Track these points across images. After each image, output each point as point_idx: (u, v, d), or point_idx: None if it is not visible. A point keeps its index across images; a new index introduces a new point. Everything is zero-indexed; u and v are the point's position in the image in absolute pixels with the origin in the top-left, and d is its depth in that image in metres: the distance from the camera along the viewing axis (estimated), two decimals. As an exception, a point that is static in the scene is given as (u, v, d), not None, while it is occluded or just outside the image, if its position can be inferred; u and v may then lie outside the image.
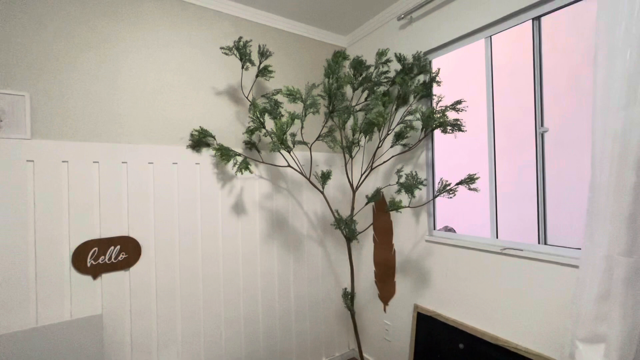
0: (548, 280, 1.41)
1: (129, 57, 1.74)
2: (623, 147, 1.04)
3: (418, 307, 2.01)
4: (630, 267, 1.02)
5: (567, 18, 1.67)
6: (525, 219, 1.68)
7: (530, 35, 1.54)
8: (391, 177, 2.21)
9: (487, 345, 1.61)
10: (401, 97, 1.94)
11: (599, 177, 1.11)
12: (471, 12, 1.71)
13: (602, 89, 1.10)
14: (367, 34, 2.38)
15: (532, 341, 1.46)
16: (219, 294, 1.97)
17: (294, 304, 2.29)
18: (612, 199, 1.07)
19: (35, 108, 1.51)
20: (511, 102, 1.82)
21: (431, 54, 1.97)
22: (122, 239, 1.69)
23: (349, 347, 2.58)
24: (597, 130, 1.12)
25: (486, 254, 1.65)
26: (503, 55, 1.74)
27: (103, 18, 1.68)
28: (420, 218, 2.02)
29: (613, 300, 1.05)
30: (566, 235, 1.59)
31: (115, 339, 1.66)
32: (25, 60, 1.50)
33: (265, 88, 2.17)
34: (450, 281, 1.83)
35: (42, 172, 1.51)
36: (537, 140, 1.52)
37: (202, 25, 1.97)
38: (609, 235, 1.07)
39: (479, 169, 1.71)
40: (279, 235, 2.22)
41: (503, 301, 1.58)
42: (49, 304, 1.51)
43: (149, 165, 1.77)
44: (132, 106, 1.74)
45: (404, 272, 2.14)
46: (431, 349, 1.88)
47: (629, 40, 1.03)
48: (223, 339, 1.98)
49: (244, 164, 1.84)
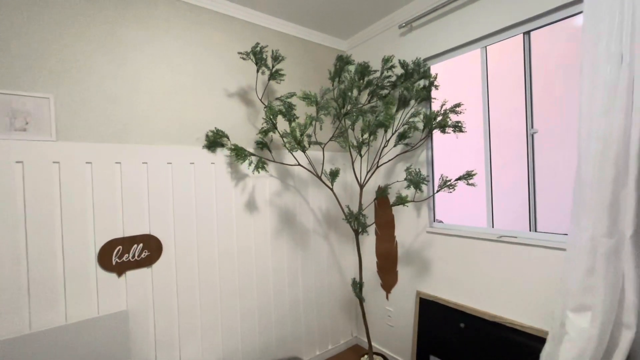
0: (539, 263, 1.62)
1: (147, 60, 1.79)
2: (604, 147, 1.24)
3: (420, 293, 2.19)
4: (611, 247, 1.23)
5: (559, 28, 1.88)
6: (514, 209, 1.89)
7: (520, 47, 1.74)
8: (392, 174, 2.37)
9: (485, 322, 1.81)
10: (402, 100, 2.10)
11: (584, 172, 1.31)
12: (468, 25, 1.89)
13: (587, 97, 1.30)
14: (367, 39, 2.53)
15: (525, 317, 1.67)
16: (234, 287, 2.06)
17: (302, 295, 2.41)
18: (595, 190, 1.27)
19: (59, 110, 1.54)
20: (502, 105, 2.02)
21: (430, 61, 2.14)
22: (145, 237, 1.74)
23: (352, 335, 2.74)
24: (583, 132, 1.31)
25: (484, 242, 1.85)
26: (495, 64, 1.93)
27: (121, 21, 1.72)
28: (421, 211, 2.20)
29: (597, 274, 1.26)
30: (549, 223, 1.81)
31: (140, 333, 1.72)
32: (48, 63, 1.52)
33: (274, 90, 2.26)
34: (450, 268, 2.03)
35: (67, 174, 1.54)
36: (527, 140, 1.73)
37: (214, 29, 2.03)
38: (593, 220, 1.28)
39: (473, 166, 1.90)
40: (288, 231, 2.34)
41: (499, 283, 1.78)
42: (78, 302, 1.55)
43: (167, 166, 1.83)
44: (150, 108, 1.79)
45: (405, 262, 2.32)
46: (434, 330, 2.06)
47: (609, 56, 1.23)
48: (239, 331, 2.08)
49: (260, 164, 1.94)
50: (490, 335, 1.77)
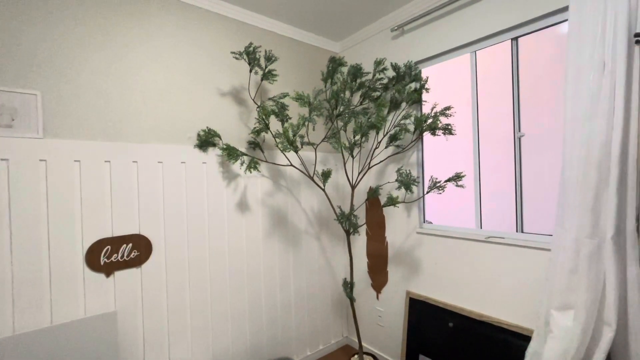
0: (524, 263, 1.67)
1: (139, 57, 1.77)
2: (587, 151, 1.29)
3: (410, 293, 2.22)
4: (593, 247, 1.28)
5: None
6: (502, 210, 1.94)
7: (509, 53, 1.78)
8: (383, 175, 2.40)
9: (473, 321, 1.84)
10: (394, 102, 2.13)
11: (568, 175, 1.35)
12: (458, 30, 1.93)
13: (571, 103, 1.35)
14: (360, 41, 2.55)
15: (512, 315, 1.72)
16: (225, 288, 2.05)
17: (294, 295, 2.41)
18: (579, 193, 1.31)
19: (47, 107, 1.51)
20: (491, 109, 2.07)
21: (421, 64, 2.18)
22: (134, 237, 1.72)
23: (342, 335, 2.75)
24: (567, 137, 1.36)
25: (472, 242, 1.89)
26: (484, 68, 1.98)
27: (114, 18, 1.69)
28: (412, 212, 2.23)
29: (580, 274, 1.30)
30: (534, 224, 1.86)
31: (128, 334, 1.69)
32: (36, 59, 1.49)
33: (266, 90, 2.26)
34: (439, 268, 2.06)
35: (54, 172, 1.51)
36: (515, 144, 1.77)
37: (207, 28, 2.02)
38: (577, 222, 1.32)
39: (462, 167, 1.94)
40: (279, 231, 2.34)
41: (487, 283, 1.82)
42: (64, 303, 1.52)
43: (158, 165, 1.81)
44: (141, 106, 1.77)
45: (395, 262, 2.35)
46: (423, 329, 2.09)
47: (592, 64, 1.28)
48: (229, 331, 2.07)
49: (252, 164, 1.93)
50: (478, 334, 1.80)
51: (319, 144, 2.16)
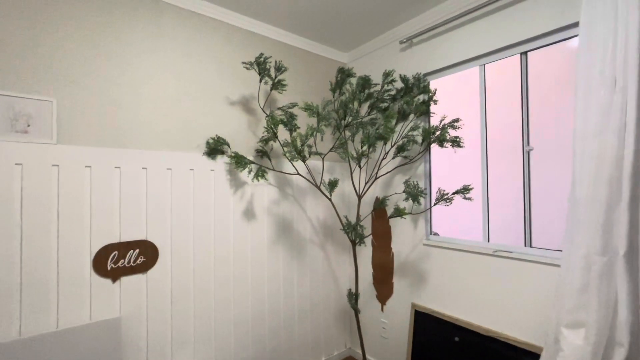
0: (533, 278, 1.64)
1: (150, 66, 1.80)
2: (598, 166, 1.28)
3: (415, 305, 2.19)
4: (604, 264, 1.26)
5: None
6: (510, 224, 1.92)
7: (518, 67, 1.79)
8: (390, 186, 2.40)
9: (480, 336, 1.81)
10: (402, 113, 2.14)
11: (579, 190, 1.34)
12: (467, 43, 1.94)
13: (582, 118, 1.34)
14: (368, 52, 2.58)
15: (520, 332, 1.68)
16: (229, 296, 2.04)
17: (297, 305, 2.40)
18: (589, 209, 1.30)
19: (61, 113, 1.54)
20: (499, 122, 2.07)
21: (430, 76, 2.19)
22: (141, 243, 1.73)
23: (345, 346, 2.71)
24: (577, 152, 1.35)
25: (479, 256, 1.87)
26: (493, 82, 1.98)
27: (127, 28, 1.73)
28: (418, 224, 2.21)
29: (591, 291, 1.28)
30: (541, 238, 1.84)
31: (132, 340, 1.69)
32: (52, 66, 1.53)
33: (275, 100, 2.29)
34: (446, 281, 2.03)
35: (66, 177, 1.54)
36: (524, 157, 1.76)
37: (218, 38, 2.06)
38: (587, 238, 1.30)
39: (469, 180, 1.93)
40: (284, 240, 2.33)
41: (494, 297, 1.80)
42: (70, 307, 1.53)
43: (167, 171, 1.83)
44: (152, 113, 1.80)
45: (401, 274, 2.32)
46: (428, 343, 2.06)
47: (603, 80, 1.27)
48: (232, 340, 2.05)
49: (260, 172, 1.94)
50: (485, 350, 1.77)
51: (327, 154, 2.16)
